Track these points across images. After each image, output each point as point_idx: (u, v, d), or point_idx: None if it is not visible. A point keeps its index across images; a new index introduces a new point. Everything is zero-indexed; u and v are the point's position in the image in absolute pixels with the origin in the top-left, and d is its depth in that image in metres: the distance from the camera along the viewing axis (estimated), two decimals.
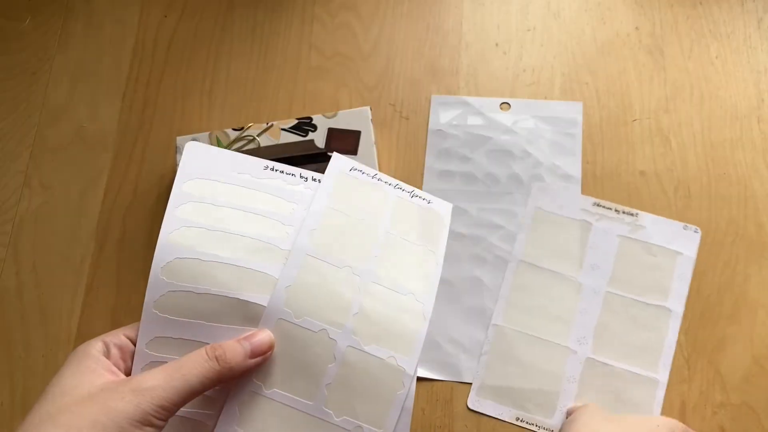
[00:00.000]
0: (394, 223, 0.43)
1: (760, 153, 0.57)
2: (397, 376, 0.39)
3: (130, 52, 0.63)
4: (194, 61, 0.63)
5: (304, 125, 0.56)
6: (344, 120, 0.56)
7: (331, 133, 0.56)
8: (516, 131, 0.58)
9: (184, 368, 0.35)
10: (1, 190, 0.59)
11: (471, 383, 0.52)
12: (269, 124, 0.56)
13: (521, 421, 0.51)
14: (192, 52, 0.63)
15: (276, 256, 0.40)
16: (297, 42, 0.63)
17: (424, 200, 0.45)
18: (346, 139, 0.56)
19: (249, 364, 0.37)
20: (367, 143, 0.56)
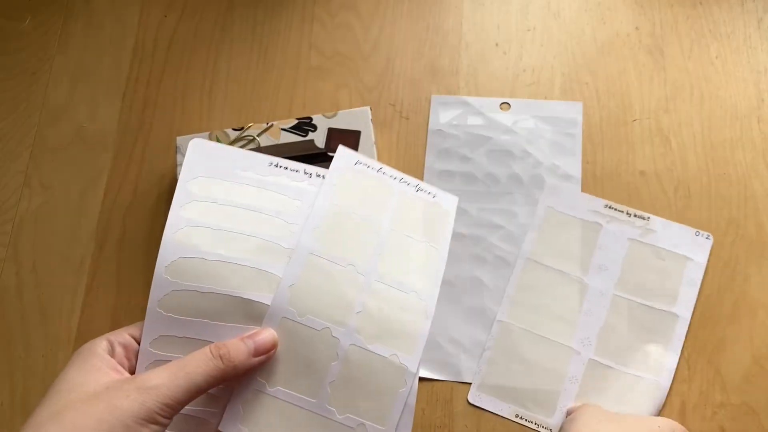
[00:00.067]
0: (398, 220, 0.43)
1: (760, 153, 0.57)
2: (400, 374, 0.39)
3: (130, 52, 0.63)
4: (194, 61, 0.63)
5: (304, 125, 0.56)
6: (344, 120, 0.56)
7: (331, 133, 0.56)
8: (516, 131, 0.58)
9: (189, 367, 0.35)
10: (1, 190, 0.59)
11: (471, 383, 0.52)
12: (269, 124, 0.56)
13: (520, 418, 0.51)
14: (192, 52, 0.63)
15: (279, 255, 0.40)
16: (297, 42, 0.63)
17: (429, 194, 0.45)
18: (346, 139, 0.56)
19: (253, 363, 0.37)
20: (367, 143, 0.56)
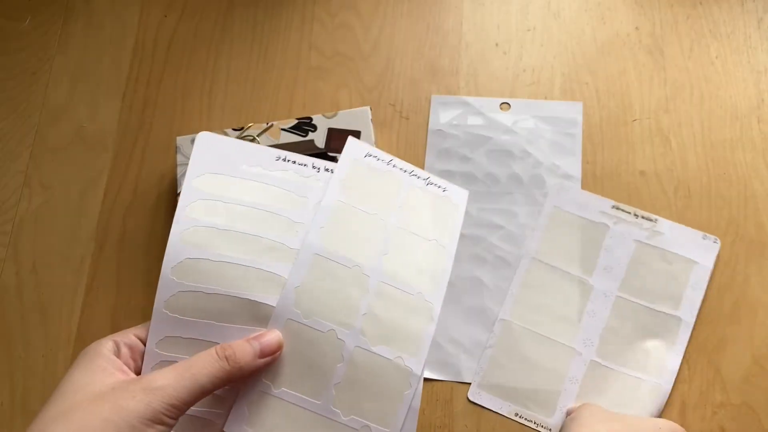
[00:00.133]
0: (407, 217, 0.42)
1: (760, 153, 0.57)
2: (404, 376, 0.39)
3: (130, 52, 0.63)
4: (194, 61, 0.63)
5: (304, 125, 0.56)
6: (344, 120, 0.56)
7: (331, 133, 0.56)
8: (516, 131, 0.58)
9: (194, 368, 0.35)
10: (1, 190, 0.59)
11: (471, 383, 0.52)
12: (269, 124, 0.56)
13: (520, 417, 0.51)
14: (192, 52, 0.63)
15: (285, 255, 0.40)
16: (297, 42, 0.63)
17: (440, 188, 0.45)
18: (346, 139, 0.56)
19: (258, 364, 0.37)
20: (367, 143, 0.55)
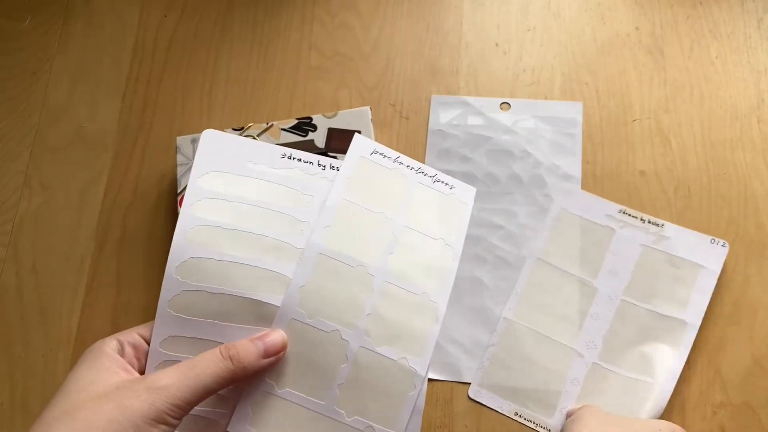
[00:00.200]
0: (413, 216, 0.42)
1: (760, 153, 0.57)
2: (409, 377, 0.39)
3: (130, 52, 0.63)
4: (194, 61, 0.63)
5: (304, 125, 0.56)
6: (344, 120, 0.56)
7: (331, 133, 0.56)
8: (516, 131, 0.58)
9: (198, 367, 0.35)
10: (1, 190, 0.59)
11: (471, 383, 0.52)
12: (269, 124, 0.56)
13: (520, 416, 0.51)
14: (192, 52, 0.63)
15: (290, 254, 0.39)
16: (297, 42, 0.63)
17: (447, 185, 0.44)
18: (346, 139, 0.55)
19: (262, 364, 0.37)
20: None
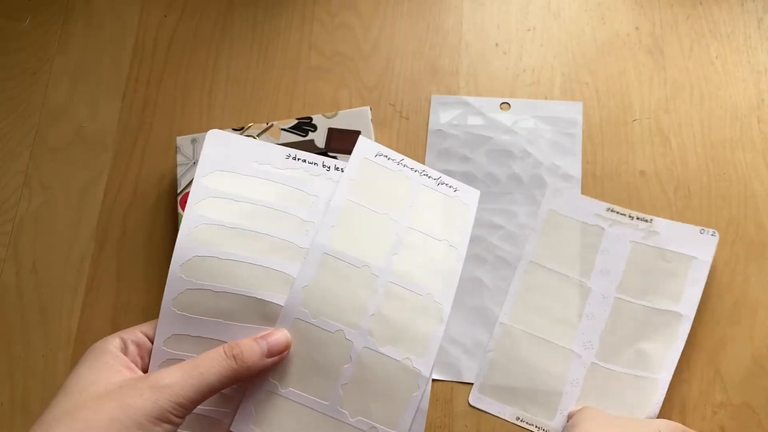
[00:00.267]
0: (417, 217, 0.42)
1: (760, 153, 0.57)
2: (413, 377, 0.39)
3: (130, 52, 0.63)
4: (194, 61, 0.63)
5: (304, 125, 0.56)
6: (344, 120, 0.56)
7: (331, 133, 0.56)
8: (516, 131, 0.58)
9: (202, 366, 0.35)
10: (1, 190, 0.59)
11: (471, 383, 0.52)
12: (269, 124, 0.56)
13: (521, 420, 0.51)
14: (192, 52, 0.63)
15: (294, 254, 0.39)
16: (297, 42, 0.63)
17: (450, 187, 0.44)
18: (346, 139, 0.56)
19: (266, 363, 0.37)
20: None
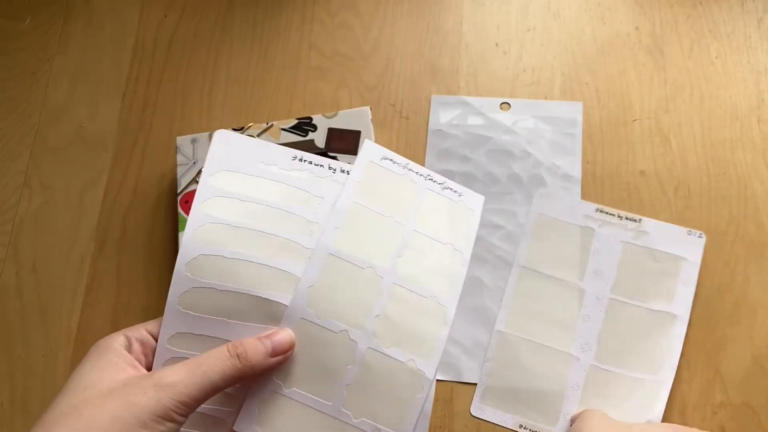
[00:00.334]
0: (422, 221, 0.42)
1: (760, 153, 0.57)
2: (417, 379, 0.39)
3: (130, 52, 0.63)
4: (194, 61, 0.63)
5: (304, 125, 0.56)
6: (344, 120, 0.56)
7: (331, 133, 0.56)
8: (516, 131, 0.58)
9: (206, 365, 0.35)
10: (1, 190, 0.59)
11: (471, 384, 0.52)
12: (269, 124, 0.56)
13: (523, 428, 0.51)
14: (192, 52, 0.63)
15: (299, 254, 0.39)
16: (297, 42, 0.63)
17: (455, 192, 0.45)
18: (346, 139, 0.56)
19: (270, 363, 0.37)
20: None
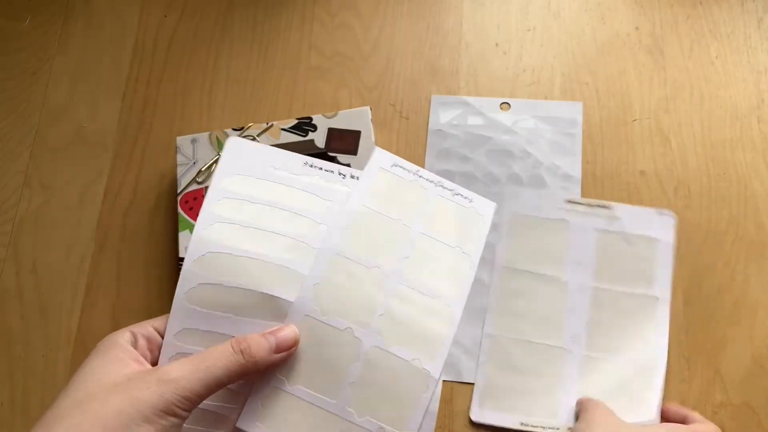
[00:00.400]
0: (431, 224, 0.42)
1: (760, 153, 0.57)
2: (422, 378, 0.39)
3: (130, 52, 0.63)
4: (194, 61, 0.63)
5: (304, 125, 0.56)
6: (344, 120, 0.56)
7: (331, 133, 0.56)
8: (516, 131, 0.58)
9: (209, 360, 0.35)
10: (1, 190, 0.59)
11: (471, 384, 0.52)
12: (269, 124, 0.56)
13: (525, 425, 0.51)
14: (192, 52, 0.63)
15: (307, 254, 0.40)
16: (297, 42, 0.63)
17: (466, 199, 0.44)
18: (346, 139, 0.56)
19: (274, 359, 0.37)
20: (367, 143, 0.56)
